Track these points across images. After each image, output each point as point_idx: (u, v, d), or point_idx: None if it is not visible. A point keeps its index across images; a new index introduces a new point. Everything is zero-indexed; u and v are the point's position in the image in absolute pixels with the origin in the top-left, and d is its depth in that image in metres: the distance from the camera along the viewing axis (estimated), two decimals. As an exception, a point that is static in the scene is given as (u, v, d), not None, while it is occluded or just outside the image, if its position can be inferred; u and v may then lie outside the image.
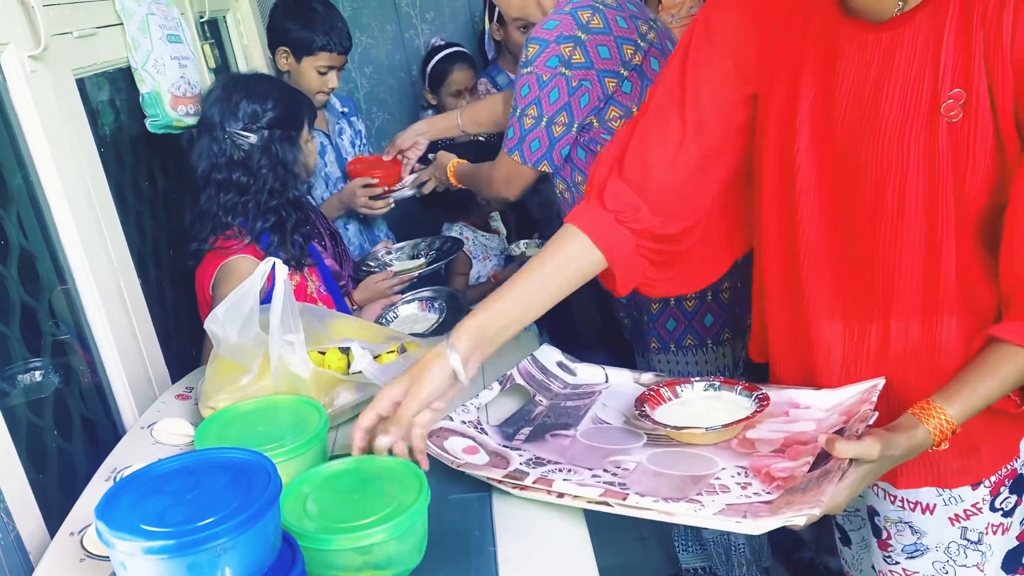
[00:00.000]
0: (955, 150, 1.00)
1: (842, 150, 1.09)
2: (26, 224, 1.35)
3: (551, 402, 1.30)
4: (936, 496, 1.19)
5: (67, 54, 1.46)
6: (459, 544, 1.03)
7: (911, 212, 1.05)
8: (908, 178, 1.04)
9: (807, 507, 0.90)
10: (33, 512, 1.16)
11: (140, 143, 1.81)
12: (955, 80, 0.99)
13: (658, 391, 1.24)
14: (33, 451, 1.25)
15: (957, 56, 0.98)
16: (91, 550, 1.02)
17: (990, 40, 0.95)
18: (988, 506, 1.18)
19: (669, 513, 0.98)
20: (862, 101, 1.06)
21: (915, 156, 1.03)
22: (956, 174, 1.01)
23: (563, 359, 1.41)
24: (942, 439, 1.03)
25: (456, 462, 1.11)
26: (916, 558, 1.24)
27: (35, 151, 1.34)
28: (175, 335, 1.81)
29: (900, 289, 1.10)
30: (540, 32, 1.66)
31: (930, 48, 1.00)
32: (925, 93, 1.01)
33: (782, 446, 1.09)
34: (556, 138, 1.70)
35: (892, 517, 1.24)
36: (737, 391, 1.22)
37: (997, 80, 0.96)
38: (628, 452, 1.13)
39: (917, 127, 1.02)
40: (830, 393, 1.17)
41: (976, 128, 0.99)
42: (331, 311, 1.45)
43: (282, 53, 2.35)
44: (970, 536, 1.20)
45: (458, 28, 3.70)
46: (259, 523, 0.81)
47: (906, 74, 1.02)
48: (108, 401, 1.48)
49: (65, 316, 1.41)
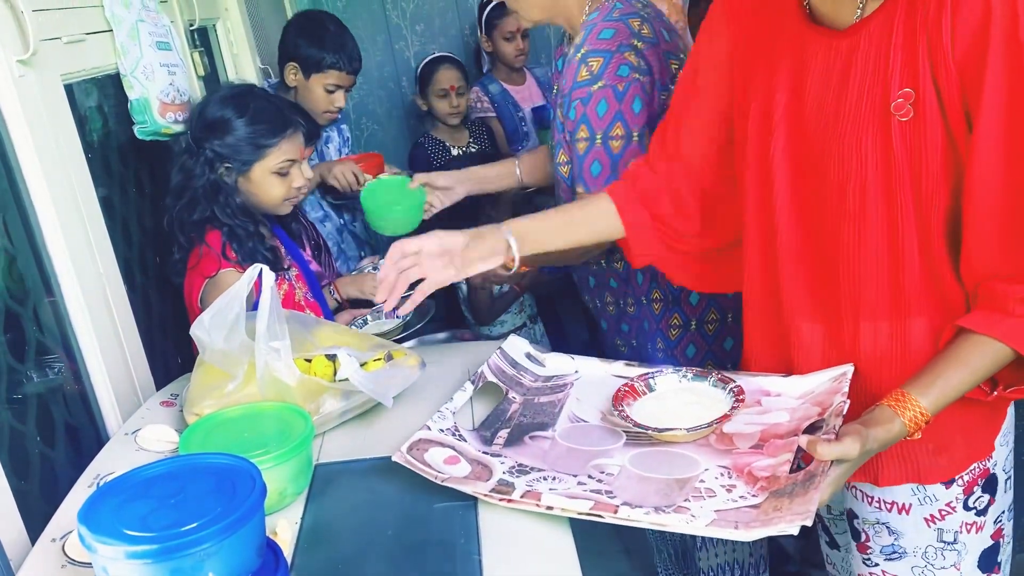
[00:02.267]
0: (909, 149, 1.04)
1: (811, 152, 1.14)
2: (12, 229, 1.34)
3: (524, 398, 1.30)
4: (911, 495, 1.21)
5: (56, 59, 1.46)
6: (444, 553, 1.03)
7: (871, 212, 1.09)
8: (867, 178, 1.08)
9: (799, 518, 0.91)
10: (14, 518, 1.15)
11: (128, 149, 1.81)
12: (903, 80, 1.03)
13: (632, 386, 1.25)
14: (15, 457, 1.24)
15: (905, 57, 1.02)
16: (73, 556, 1.01)
17: (933, 42, 1.00)
18: (962, 505, 1.20)
19: (662, 524, 0.98)
20: (826, 105, 1.11)
21: (872, 156, 1.07)
22: (912, 172, 1.05)
23: (531, 350, 1.42)
24: (916, 429, 1.05)
25: (439, 477, 1.10)
26: (894, 560, 1.25)
27: (22, 156, 1.34)
28: (160, 342, 1.80)
29: (866, 289, 1.13)
30: (598, 44, 1.58)
31: (881, 51, 1.05)
32: (878, 94, 1.05)
33: (760, 441, 1.11)
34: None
35: (870, 519, 1.25)
36: (710, 382, 1.23)
37: (943, 79, 1.00)
38: (609, 454, 1.14)
39: (873, 127, 1.06)
40: (799, 380, 1.20)
41: (927, 126, 1.03)
42: (317, 318, 1.45)
43: (291, 69, 2.36)
44: (946, 537, 1.22)
45: (448, 40, 3.71)
46: (243, 528, 0.80)
47: (862, 77, 1.07)
48: (92, 408, 1.47)
49: (50, 322, 1.41)
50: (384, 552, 1.04)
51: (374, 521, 1.10)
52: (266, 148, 1.74)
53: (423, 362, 1.38)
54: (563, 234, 1.40)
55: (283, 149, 1.76)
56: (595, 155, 1.60)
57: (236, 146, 1.73)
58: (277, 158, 1.75)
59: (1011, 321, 1.03)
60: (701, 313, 1.80)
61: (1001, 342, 1.03)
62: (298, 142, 1.80)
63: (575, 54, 1.62)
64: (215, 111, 1.74)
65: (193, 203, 1.73)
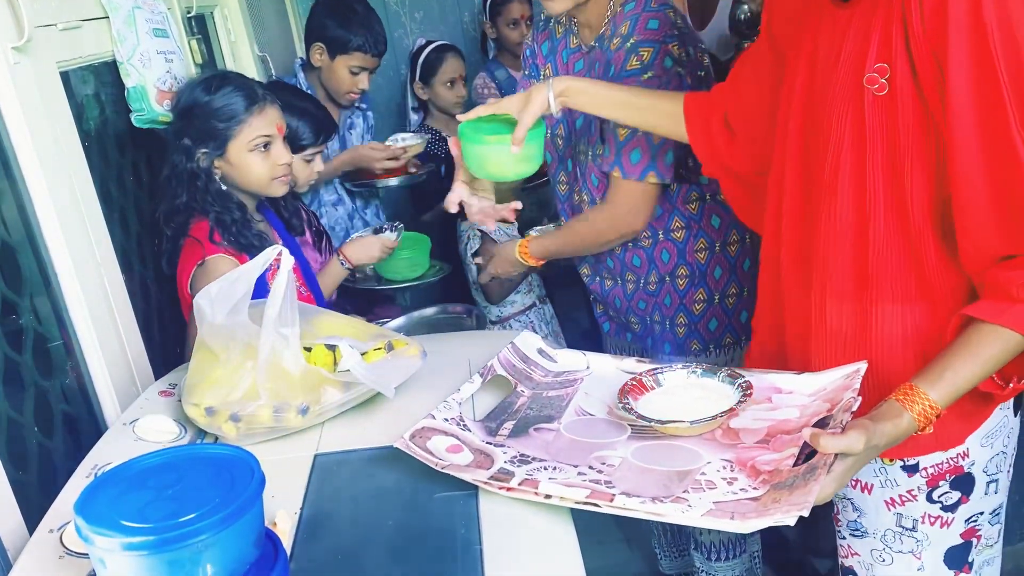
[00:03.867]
0: (883, 124, 1.03)
1: (811, 124, 1.14)
2: (8, 218, 1.33)
3: (533, 392, 1.30)
4: (873, 476, 1.21)
5: (51, 47, 1.45)
6: (445, 542, 1.02)
7: (843, 187, 1.09)
8: (842, 154, 1.08)
9: (795, 508, 0.90)
10: (12, 509, 1.15)
11: (125, 137, 1.80)
12: (879, 55, 1.02)
13: (640, 380, 1.24)
14: (13, 448, 1.23)
15: (883, 31, 1.02)
16: (70, 547, 1.01)
17: (908, 17, 0.99)
18: (924, 496, 1.20)
19: (658, 514, 0.97)
20: (827, 77, 1.11)
21: (849, 130, 1.07)
22: (886, 149, 1.04)
23: (543, 346, 1.41)
24: (926, 424, 1.04)
25: (440, 464, 1.10)
26: (858, 538, 1.27)
27: (18, 145, 1.33)
28: (159, 332, 1.79)
29: (834, 266, 1.13)
30: (647, 34, 1.63)
31: (864, 25, 1.04)
32: (856, 69, 1.05)
33: (766, 436, 1.09)
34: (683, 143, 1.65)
35: (840, 492, 1.23)
36: (720, 378, 1.22)
37: (917, 54, 0.99)
38: (613, 447, 1.13)
39: (849, 102, 1.06)
40: (812, 377, 1.18)
41: (902, 102, 1.01)
42: (317, 308, 1.44)
43: (317, 48, 2.37)
44: (904, 523, 1.22)
45: (448, 28, 3.70)
46: (241, 519, 0.80)
47: (848, 50, 1.07)
48: (90, 398, 1.47)
49: (47, 312, 1.40)
50: (384, 542, 1.03)
51: (374, 511, 1.10)
52: (234, 125, 1.71)
53: (424, 352, 1.37)
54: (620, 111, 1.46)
55: (253, 125, 1.73)
56: (636, 143, 1.66)
57: (207, 128, 1.71)
58: (249, 134, 1.72)
59: (1018, 307, 1.01)
60: (724, 287, 1.84)
61: (1010, 329, 1.02)
62: (271, 117, 1.76)
63: (624, 43, 1.64)
64: (186, 98, 1.74)
65: (175, 193, 1.72)
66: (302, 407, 1.23)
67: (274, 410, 1.22)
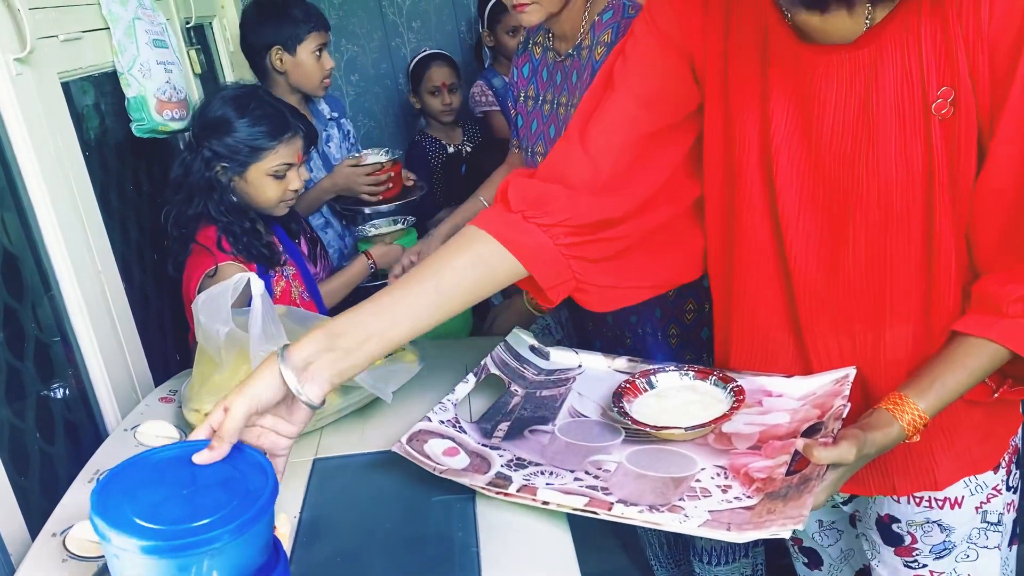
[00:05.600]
0: (948, 148, 1.01)
1: (832, 172, 1.08)
2: (9, 226, 1.34)
3: (526, 391, 1.31)
4: (964, 488, 1.20)
5: (53, 57, 1.46)
6: (443, 546, 1.03)
7: (916, 219, 1.06)
8: (914, 185, 1.04)
9: (791, 522, 0.91)
10: (14, 513, 1.16)
11: (125, 147, 1.81)
12: (941, 78, 0.99)
13: (634, 382, 1.25)
14: (15, 454, 1.24)
15: (939, 54, 0.99)
16: (73, 551, 1.02)
17: (968, 28, 0.96)
18: (1004, 486, 1.22)
19: (656, 523, 0.98)
20: (849, 122, 1.05)
21: (918, 161, 1.03)
22: (951, 172, 1.02)
23: (535, 343, 1.42)
24: (914, 433, 1.04)
25: (438, 468, 1.11)
26: (943, 558, 1.25)
27: (20, 154, 1.34)
28: (159, 339, 1.80)
29: (899, 299, 1.10)
30: None
31: (911, 53, 1.00)
32: (916, 97, 1.01)
33: (758, 442, 1.11)
34: None
35: (918, 519, 1.24)
36: (711, 381, 1.23)
37: (977, 68, 0.97)
38: (607, 451, 1.14)
39: (915, 132, 1.02)
40: (802, 381, 1.18)
41: (965, 123, 1.00)
42: (315, 315, 1.45)
43: (276, 53, 2.35)
44: (990, 519, 1.22)
45: (445, 37, 3.71)
46: (255, 527, 0.81)
47: (895, 83, 1.02)
48: (91, 404, 1.48)
49: (49, 320, 1.41)
50: (383, 545, 1.05)
51: (373, 515, 1.11)
52: (264, 151, 1.76)
53: (422, 357, 1.39)
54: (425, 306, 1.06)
55: (280, 153, 1.78)
56: None
57: (234, 147, 1.75)
58: (273, 161, 1.77)
59: (1006, 322, 1.01)
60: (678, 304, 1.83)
61: (997, 344, 1.02)
62: (296, 147, 1.82)
63: (607, 51, 1.60)
64: (217, 110, 1.76)
65: (188, 198, 1.75)
66: (301, 412, 1.24)
67: (273, 415, 1.23)
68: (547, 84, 1.81)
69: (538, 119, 1.83)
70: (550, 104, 1.79)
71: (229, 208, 1.75)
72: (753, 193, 1.16)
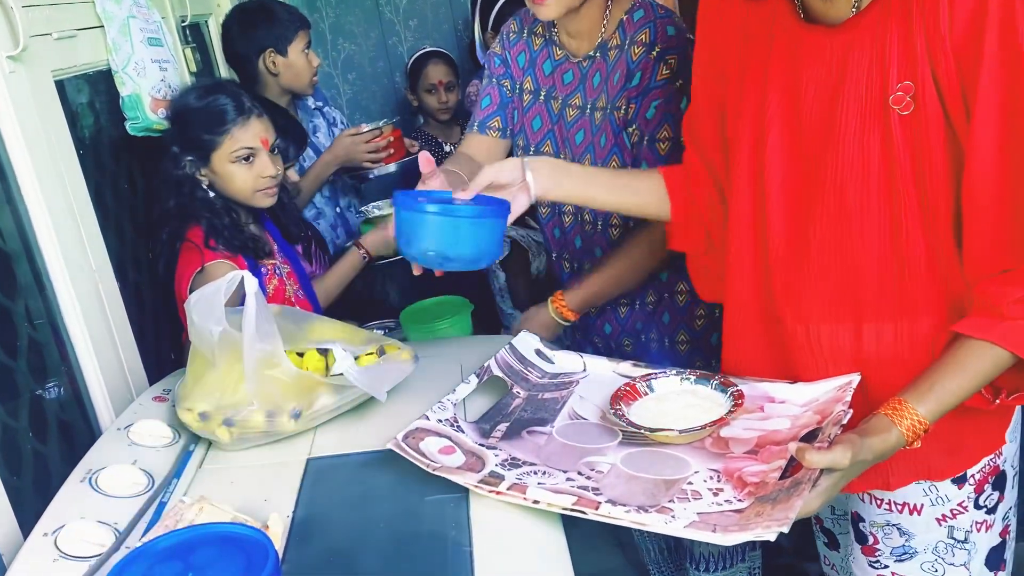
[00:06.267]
0: (910, 143, 1.02)
1: (806, 153, 1.11)
2: (3, 225, 1.34)
3: (528, 394, 1.31)
4: (923, 496, 1.20)
5: (46, 55, 1.46)
6: (436, 545, 1.03)
7: (874, 210, 1.07)
8: (870, 175, 1.05)
9: (776, 524, 0.90)
10: (7, 513, 1.16)
11: (120, 146, 1.81)
12: (902, 73, 1.01)
13: (633, 386, 1.24)
14: (8, 453, 1.24)
15: (903, 49, 1.00)
16: (65, 550, 1.01)
17: (930, 30, 0.98)
18: (973, 504, 1.20)
19: (641, 523, 0.98)
20: (823, 104, 1.08)
21: (875, 152, 1.04)
22: (915, 167, 1.03)
23: (541, 347, 1.42)
24: (914, 439, 1.03)
25: (432, 466, 1.11)
26: (904, 561, 1.25)
27: (13, 152, 1.34)
28: (153, 338, 1.80)
29: (867, 290, 1.11)
30: (669, 41, 1.59)
31: (878, 45, 1.02)
32: (877, 88, 1.03)
33: (755, 447, 1.10)
34: None
35: (879, 521, 1.24)
36: (712, 385, 1.22)
37: (941, 70, 0.98)
38: (603, 452, 1.14)
39: (873, 124, 1.04)
40: (805, 387, 1.18)
41: (927, 119, 1.00)
42: (309, 313, 1.45)
43: (268, 56, 2.37)
44: (956, 535, 1.21)
45: (442, 35, 3.71)
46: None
47: (859, 73, 1.04)
48: (85, 404, 1.48)
49: (42, 318, 1.41)
50: (376, 544, 1.05)
51: (366, 514, 1.11)
52: (219, 136, 1.75)
53: (416, 356, 1.38)
54: (604, 192, 1.35)
55: (236, 136, 1.76)
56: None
57: (192, 138, 1.75)
58: (232, 146, 1.76)
59: (1007, 324, 1.01)
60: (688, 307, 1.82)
61: (998, 346, 1.02)
62: (256, 129, 1.79)
63: (648, 51, 1.59)
64: (178, 103, 1.79)
65: (166, 200, 1.76)
66: (295, 411, 1.24)
67: (267, 415, 1.23)
68: (549, 80, 1.74)
69: (542, 116, 1.76)
70: (558, 102, 1.73)
71: (203, 203, 1.75)
72: (744, 170, 1.20)
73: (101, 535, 1.04)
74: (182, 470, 1.23)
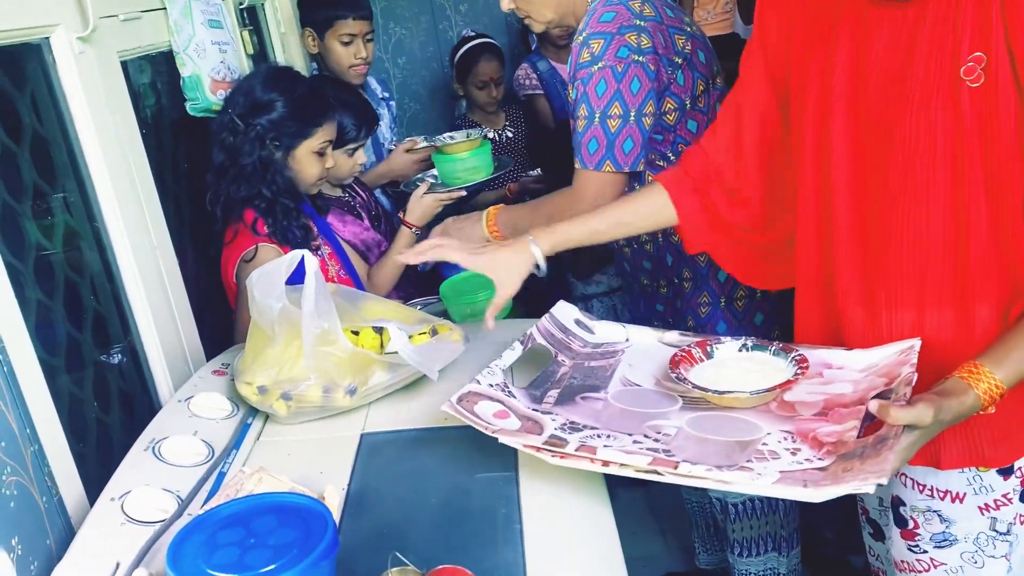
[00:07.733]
0: (979, 116, 1.00)
1: (874, 130, 1.10)
2: (71, 202, 1.38)
3: (574, 362, 1.30)
4: (967, 485, 1.19)
5: (113, 37, 1.50)
6: (486, 521, 1.06)
7: (940, 186, 1.05)
8: (937, 149, 1.04)
9: (873, 476, 0.89)
10: (74, 478, 1.20)
11: (179, 126, 1.85)
12: (974, 44, 0.99)
13: (690, 352, 1.23)
14: (74, 422, 1.28)
15: (975, 21, 0.99)
16: (132, 515, 1.05)
17: (1009, 8, 0.96)
18: (1018, 496, 1.19)
19: (725, 482, 0.96)
20: (892, 78, 1.07)
21: (942, 125, 1.03)
22: (983, 142, 1.01)
23: (580, 316, 1.41)
24: (990, 403, 1.02)
25: (490, 428, 1.10)
26: (944, 548, 1.24)
27: (81, 131, 1.38)
28: (209, 314, 1.84)
29: (930, 273, 1.10)
30: (599, 26, 1.60)
31: (950, 16, 1.01)
32: (947, 60, 1.01)
33: (823, 409, 1.08)
34: (647, 131, 1.63)
35: (920, 506, 1.24)
36: (771, 351, 1.21)
37: (1017, 39, 0.96)
38: (666, 416, 1.12)
39: (942, 95, 1.02)
40: (863, 353, 1.16)
41: (999, 92, 0.99)
42: (363, 293, 1.48)
43: (308, 35, 2.39)
44: (999, 527, 1.20)
45: (492, 20, 3.71)
46: None
47: (930, 45, 1.03)
48: (145, 376, 1.52)
49: (106, 293, 1.45)
50: (427, 519, 1.07)
51: (417, 489, 1.13)
52: (313, 128, 1.81)
53: (467, 337, 1.40)
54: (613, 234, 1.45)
55: (325, 130, 1.84)
56: (592, 133, 1.62)
57: (283, 125, 1.78)
58: (321, 138, 1.83)
59: None
60: (730, 290, 1.81)
61: None
62: (334, 127, 1.88)
63: (577, 37, 1.64)
64: (261, 90, 1.79)
65: (239, 181, 1.77)
66: (350, 387, 1.27)
67: (323, 390, 1.26)
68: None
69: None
70: None
71: (281, 188, 1.78)
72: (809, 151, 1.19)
73: (165, 502, 1.08)
74: (240, 442, 1.26)
